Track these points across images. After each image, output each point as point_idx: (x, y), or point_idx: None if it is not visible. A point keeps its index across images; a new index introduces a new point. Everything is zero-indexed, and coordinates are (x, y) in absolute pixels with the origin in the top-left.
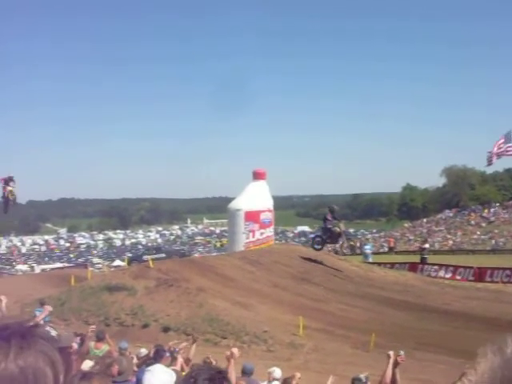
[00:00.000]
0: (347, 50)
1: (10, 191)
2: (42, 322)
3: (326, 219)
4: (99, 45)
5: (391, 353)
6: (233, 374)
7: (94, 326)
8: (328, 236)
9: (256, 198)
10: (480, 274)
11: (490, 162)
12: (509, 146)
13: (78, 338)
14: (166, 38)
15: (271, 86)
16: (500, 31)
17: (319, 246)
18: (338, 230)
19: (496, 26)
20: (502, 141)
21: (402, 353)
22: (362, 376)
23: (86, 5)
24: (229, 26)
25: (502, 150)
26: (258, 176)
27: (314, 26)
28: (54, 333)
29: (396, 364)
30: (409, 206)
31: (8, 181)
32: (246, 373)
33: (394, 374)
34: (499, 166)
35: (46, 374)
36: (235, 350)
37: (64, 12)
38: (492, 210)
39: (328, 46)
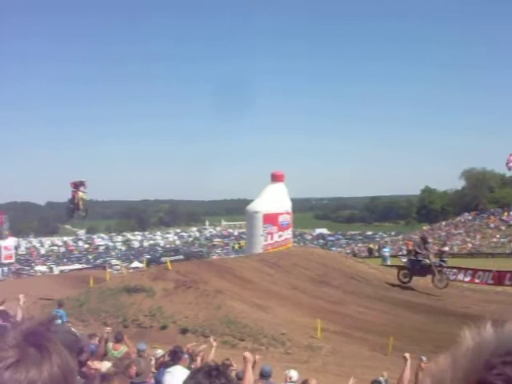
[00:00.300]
0: (360, 51)
1: (82, 198)
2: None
3: (417, 252)
4: (106, 45)
5: (407, 355)
6: (248, 376)
7: (109, 328)
8: (416, 269)
9: (274, 200)
10: (499, 278)
11: (509, 165)
12: None
13: (97, 340)
14: (172, 38)
15: (290, 87)
16: None
17: (406, 279)
18: (429, 262)
19: None
20: None
21: (424, 358)
22: (382, 379)
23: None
24: (239, 24)
25: None
26: (276, 178)
27: (332, 25)
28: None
29: (420, 369)
30: (428, 209)
31: (79, 185)
32: (264, 375)
33: (417, 379)
34: None
35: (75, 372)
36: (248, 355)
37: (61, 11)
38: (511, 213)
39: (341, 47)
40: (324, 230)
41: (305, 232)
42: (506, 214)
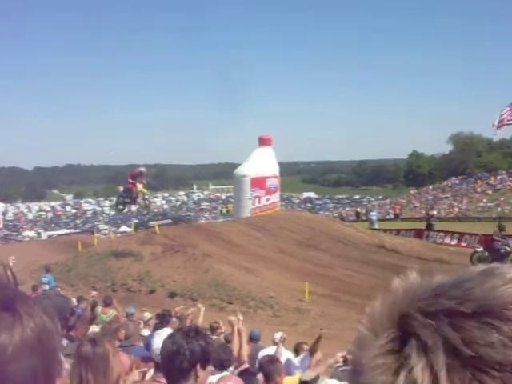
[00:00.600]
0: (349, 20)
1: (142, 192)
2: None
3: (494, 239)
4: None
5: None
6: (236, 340)
7: (95, 292)
8: (495, 258)
9: (262, 164)
10: (486, 242)
11: (497, 130)
12: None
13: (85, 304)
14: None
15: (278, 54)
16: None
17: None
18: (509, 249)
19: None
20: (508, 109)
21: None
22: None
23: None
24: None
25: (508, 118)
26: (263, 142)
27: None
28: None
29: None
30: (415, 173)
31: (137, 176)
32: (253, 339)
33: None
34: (506, 133)
35: (53, 334)
36: (233, 319)
37: None
38: (498, 177)
39: (329, 16)
40: (311, 194)
41: (292, 196)
42: (492, 178)
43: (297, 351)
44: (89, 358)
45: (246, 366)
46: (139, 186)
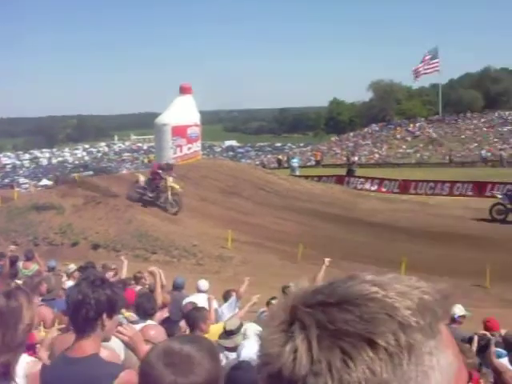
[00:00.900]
0: None
1: (171, 187)
2: None
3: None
4: None
5: (327, 260)
6: (158, 289)
7: (13, 247)
8: None
9: (183, 112)
10: (405, 187)
11: (416, 78)
12: (434, 63)
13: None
14: None
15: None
16: None
17: (501, 217)
18: None
19: None
20: (428, 57)
21: (327, 260)
22: (292, 285)
23: None
24: None
25: (427, 66)
26: (184, 90)
27: None
28: None
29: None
30: (336, 120)
31: (166, 169)
32: (176, 287)
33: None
34: (425, 81)
35: None
36: (154, 269)
37: None
38: (417, 124)
39: None
40: (233, 142)
41: (214, 144)
42: (411, 125)
43: (226, 299)
44: (1, 312)
45: (167, 314)
46: (169, 180)
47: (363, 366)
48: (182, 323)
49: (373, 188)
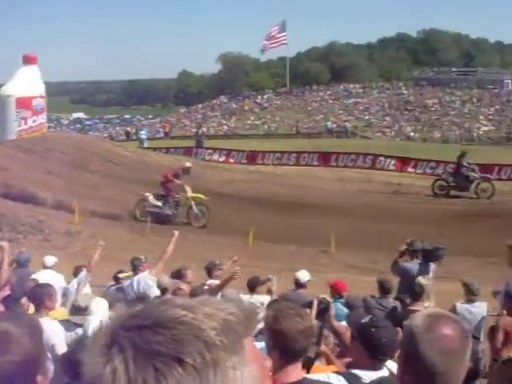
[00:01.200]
0: None
1: (194, 197)
2: None
3: (462, 166)
4: None
5: (176, 232)
6: (5, 266)
7: None
8: (459, 185)
9: (27, 83)
10: (252, 157)
11: (263, 51)
12: (282, 36)
13: None
14: None
15: None
16: None
17: (443, 192)
18: (476, 176)
19: None
20: (276, 29)
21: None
22: (142, 256)
23: None
24: None
25: (275, 40)
26: (28, 60)
27: None
28: None
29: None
30: (185, 92)
31: (181, 175)
32: (21, 264)
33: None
34: (273, 54)
35: None
36: (4, 243)
37: None
38: (265, 96)
39: None
40: (81, 115)
41: (61, 117)
42: (259, 97)
43: (76, 274)
44: None
45: (8, 292)
46: (188, 190)
47: (174, 381)
48: (24, 300)
49: (221, 159)
